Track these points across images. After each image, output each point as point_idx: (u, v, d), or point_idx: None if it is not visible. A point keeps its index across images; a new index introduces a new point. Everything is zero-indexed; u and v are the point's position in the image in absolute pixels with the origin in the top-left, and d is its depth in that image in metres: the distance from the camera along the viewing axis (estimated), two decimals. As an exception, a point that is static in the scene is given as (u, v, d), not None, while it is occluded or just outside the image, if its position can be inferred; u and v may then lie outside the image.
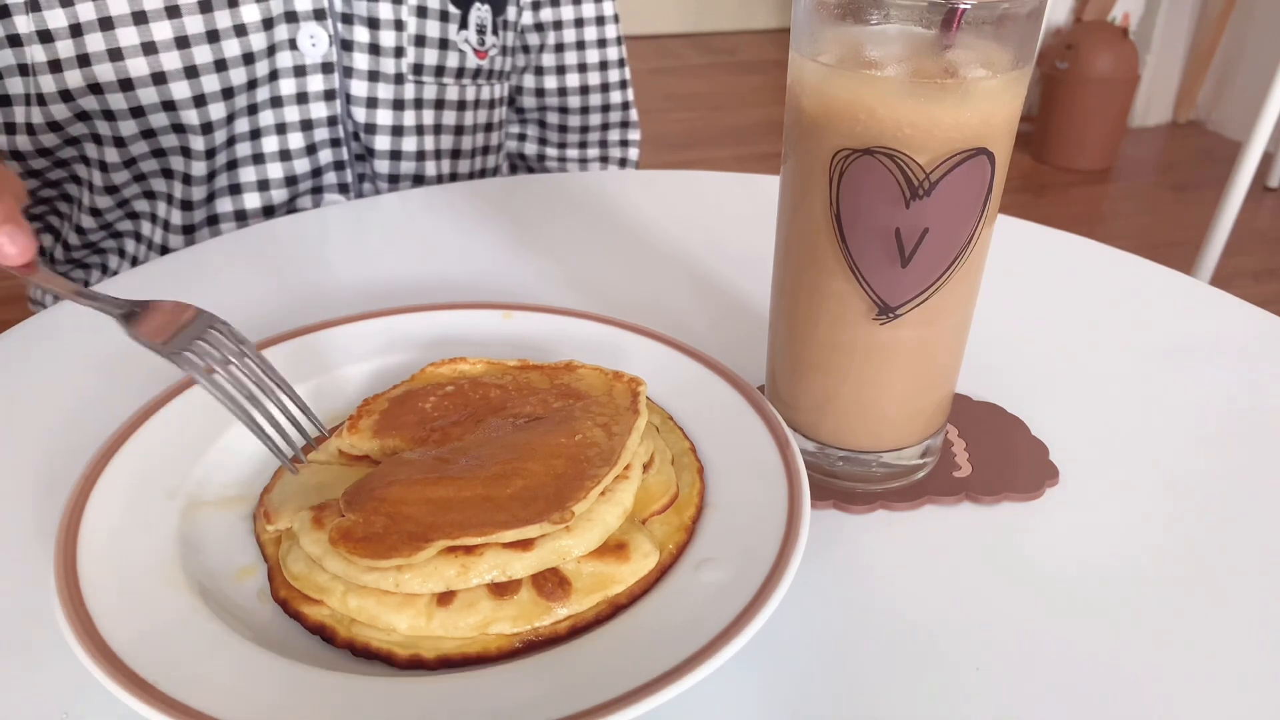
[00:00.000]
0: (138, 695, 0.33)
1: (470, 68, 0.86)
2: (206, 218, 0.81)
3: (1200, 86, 3.21)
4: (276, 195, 0.82)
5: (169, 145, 0.76)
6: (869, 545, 0.45)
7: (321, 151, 0.82)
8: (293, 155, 0.81)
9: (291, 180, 0.82)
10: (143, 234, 0.83)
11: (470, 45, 0.84)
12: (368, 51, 0.80)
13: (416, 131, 0.85)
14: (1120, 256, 0.72)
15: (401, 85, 0.82)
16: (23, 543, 0.44)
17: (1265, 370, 0.59)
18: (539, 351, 0.52)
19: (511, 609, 0.38)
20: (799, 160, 0.43)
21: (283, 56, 0.77)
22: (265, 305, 0.63)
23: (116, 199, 0.81)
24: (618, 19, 0.97)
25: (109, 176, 0.78)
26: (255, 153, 0.80)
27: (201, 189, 0.79)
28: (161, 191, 0.80)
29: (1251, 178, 1.82)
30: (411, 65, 0.82)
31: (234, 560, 0.42)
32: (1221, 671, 0.39)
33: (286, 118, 0.79)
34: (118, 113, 0.73)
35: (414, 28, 0.81)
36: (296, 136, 0.80)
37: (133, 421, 0.46)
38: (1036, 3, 0.40)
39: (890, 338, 0.44)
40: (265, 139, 0.79)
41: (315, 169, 0.82)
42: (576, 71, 0.96)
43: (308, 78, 0.79)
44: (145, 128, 0.75)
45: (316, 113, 0.80)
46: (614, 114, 0.99)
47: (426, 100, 0.84)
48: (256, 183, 0.81)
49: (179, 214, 0.80)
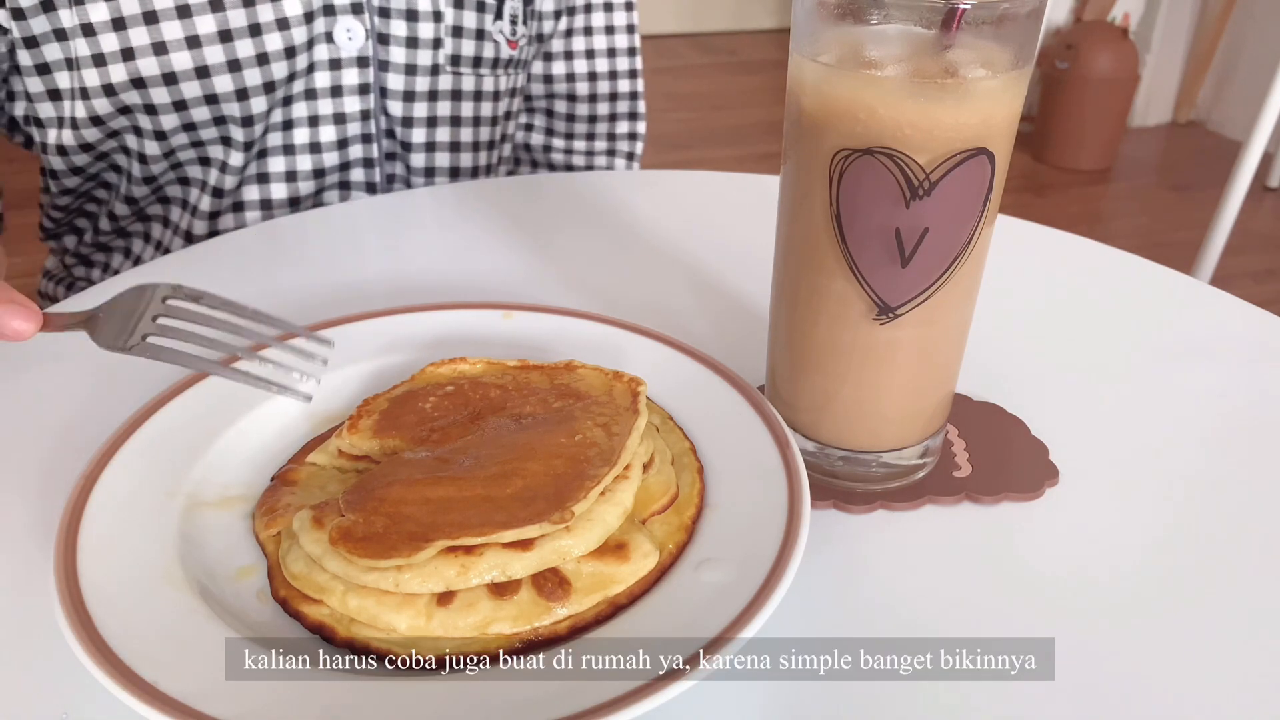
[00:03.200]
0: (138, 695, 0.33)
1: (504, 58, 0.86)
2: (232, 205, 0.81)
3: (1200, 86, 3.21)
4: (303, 187, 0.82)
5: (209, 137, 0.77)
6: (869, 545, 0.45)
7: (352, 146, 0.82)
8: (323, 148, 0.81)
9: (320, 173, 0.82)
10: (171, 219, 0.83)
11: (504, 35, 0.85)
12: (404, 45, 0.80)
13: (451, 123, 0.85)
14: (1120, 256, 0.72)
15: (437, 77, 0.82)
16: (23, 543, 0.44)
17: (1265, 370, 0.59)
18: (539, 351, 0.52)
19: (511, 609, 0.37)
20: (799, 160, 0.43)
21: (319, 50, 0.77)
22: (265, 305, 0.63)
23: (153, 187, 0.81)
24: (631, 6, 0.96)
25: (148, 167, 0.79)
26: (286, 143, 0.80)
27: (234, 178, 0.79)
28: (196, 178, 0.80)
29: (1251, 178, 1.82)
30: (449, 57, 0.82)
31: (234, 560, 0.41)
32: (1222, 671, 0.39)
33: (320, 110, 0.80)
34: (160, 106, 0.73)
35: (451, 19, 0.81)
36: (329, 130, 0.80)
37: (133, 421, 0.46)
38: (1036, 3, 0.40)
39: (890, 338, 0.44)
40: (297, 130, 0.80)
41: (344, 163, 0.83)
42: (585, 58, 0.95)
43: (343, 71, 0.79)
44: (187, 121, 0.75)
45: (350, 106, 0.80)
46: (622, 104, 0.99)
47: (464, 92, 0.84)
48: (285, 173, 0.81)
49: (209, 200, 0.80)
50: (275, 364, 0.46)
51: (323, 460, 0.46)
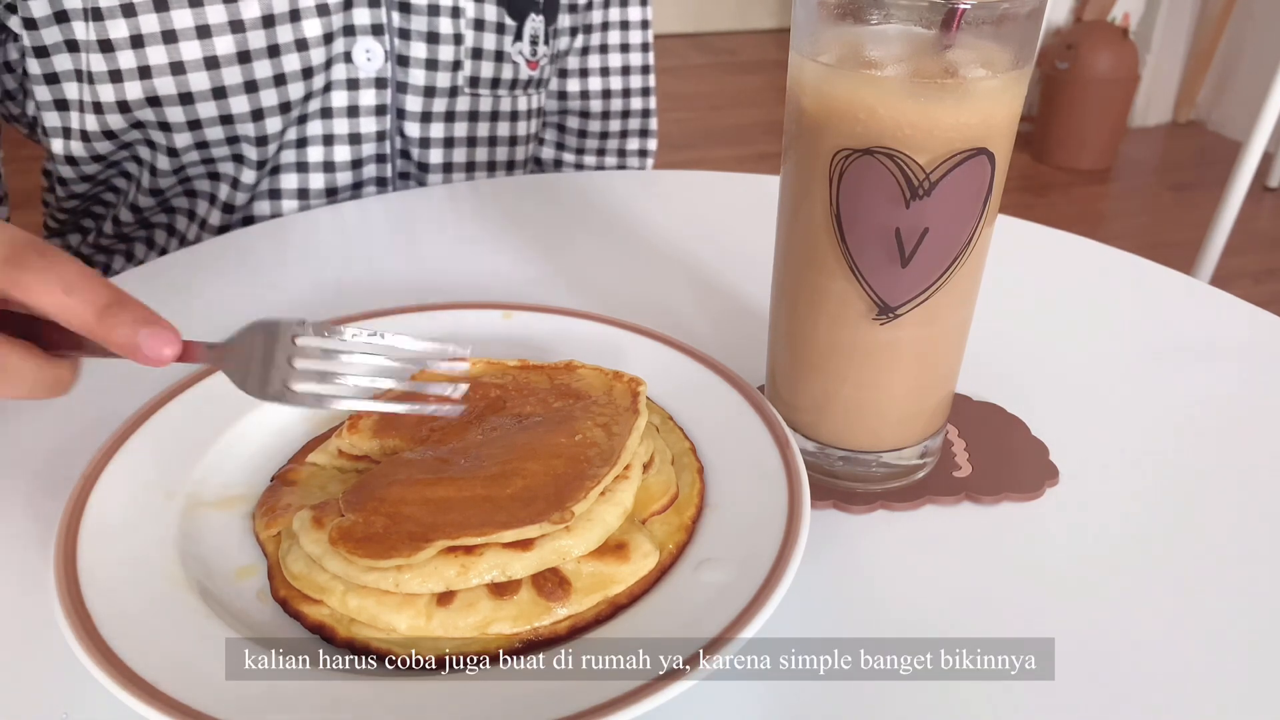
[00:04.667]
0: (138, 695, 0.33)
1: (523, 79, 0.85)
2: (242, 219, 0.81)
3: (1200, 86, 3.21)
4: (315, 205, 0.82)
5: (221, 155, 0.76)
6: (869, 545, 0.45)
7: (366, 166, 0.82)
8: (336, 168, 0.80)
9: (332, 192, 0.81)
10: (176, 228, 0.83)
11: (524, 56, 0.84)
12: (424, 67, 0.79)
13: (469, 144, 0.85)
14: (1120, 256, 0.72)
15: (455, 98, 0.82)
16: (23, 543, 0.44)
17: (1265, 370, 0.59)
18: (539, 351, 0.52)
19: (511, 609, 0.37)
20: (799, 160, 0.43)
21: (337, 69, 0.77)
22: (265, 305, 0.63)
23: (159, 200, 0.81)
24: (647, 25, 0.95)
25: (156, 180, 0.78)
26: (299, 160, 0.79)
27: (245, 194, 0.79)
28: (205, 192, 0.80)
29: (1251, 178, 1.82)
30: (468, 78, 0.82)
31: (234, 560, 0.41)
32: (1223, 670, 0.39)
33: (335, 130, 0.79)
34: (174, 125, 0.73)
35: (471, 40, 0.80)
36: (344, 149, 0.80)
37: (133, 421, 0.46)
38: (1036, 3, 0.40)
39: (890, 338, 0.44)
40: (311, 148, 0.79)
41: (357, 183, 0.82)
42: (599, 75, 0.95)
43: (360, 91, 0.78)
44: (200, 139, 0.74)
45: (366, 127, 0.80)
46: (634, 120, 0.98)
47: (482, 113, 0.84)
48: (296, 190, 0.80)
49: (218, 214, 0.80)
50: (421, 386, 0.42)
51: (323, 460, 0.46)
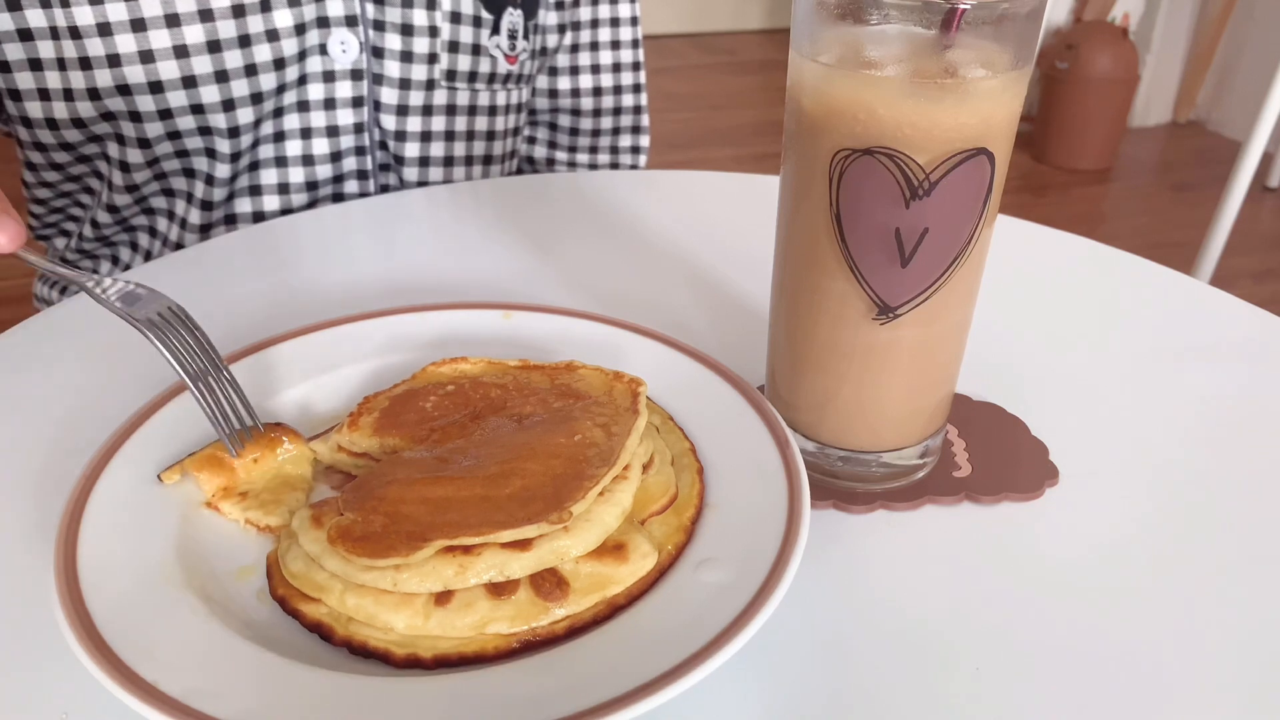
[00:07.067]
0: (138, 695, 0.33)
1: (500, 73, 0.85)
2: (224, 217, 0.81)
3: (1200, 86, 3.21)
4: (296, 199, 0.82)
5: (194, 147, 0.76)
6: (869, 545, 0.45)
7: (345, 159, 0.82)
8: (315, 160, 0.80)
9: (313, 185, 0.81)
10: (158, 229, 0.83)
11: (501, 50, 0.84)
12: (399, 59, 0.80)
13: (446, 138, 0.85)
14: (1120, 256, 0.72)
15: (432, 91, 0.82)
16: (23, 543, 0.44)
17: (1265, 370, 0.59)
18: (539, 351, 0.52)
19: (509, 609, 0.37)
20: (799, 160, 0.43)
21: (312, 61, 0.77)
22: (264, 305, 0.63)
23: (135, 197, 0.80)
24: (636, 21, 0.96)
25: (130, 176, 0.78)
26: (278, 155, 0.80)
27: (223, 190, 0.79)
28: (181, 190, 0.80)
29: (1251, 178, 1.82)
30: (444, 71, 0.82)
31: (234, 560, 0.41)
32: (1223, 670, 0.39)
33: (312, 123, 0.79)
34: (145, 114, 0.73)
35: (447, 34, 0.80)
36: (321, 142, 0.80)
37: (133, 421, 0.46)
38: (1036, 3, 0.40)
39: (890, 338, 0.44)
40: (289, 142, 0.79)
41: (337, 176, 0.82)
42: (590, 72, 0.95)
43: (336, 84, 0.79)
44: (171, 130, 0.74)
45: (343, 119, 0.80)
46: (625, 117, 0.99)
47: (459, 107, 0.84)
48: (277, 185, 0.80)
49: (198, 213, 0.80)
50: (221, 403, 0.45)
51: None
